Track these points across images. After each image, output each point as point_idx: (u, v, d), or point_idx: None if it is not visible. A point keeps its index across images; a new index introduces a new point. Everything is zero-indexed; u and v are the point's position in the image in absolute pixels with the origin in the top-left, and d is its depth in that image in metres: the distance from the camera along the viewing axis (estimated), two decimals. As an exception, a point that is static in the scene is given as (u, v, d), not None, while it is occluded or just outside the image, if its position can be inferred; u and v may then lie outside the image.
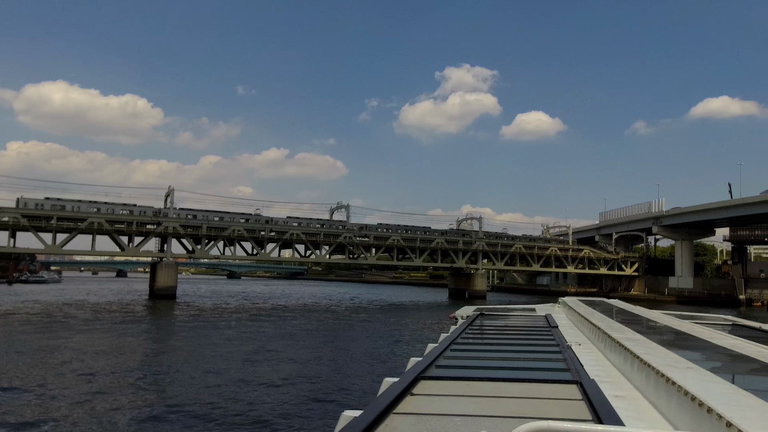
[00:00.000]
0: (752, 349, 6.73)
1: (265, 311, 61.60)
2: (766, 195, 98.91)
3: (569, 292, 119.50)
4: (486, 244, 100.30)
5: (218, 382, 21.95)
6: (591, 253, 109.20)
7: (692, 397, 3.65)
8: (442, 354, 6.59)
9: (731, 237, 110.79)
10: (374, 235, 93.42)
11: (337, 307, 70.62)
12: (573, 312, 13.05)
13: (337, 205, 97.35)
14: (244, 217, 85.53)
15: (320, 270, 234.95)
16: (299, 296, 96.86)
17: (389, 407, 3.92)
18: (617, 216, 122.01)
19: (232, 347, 31.76)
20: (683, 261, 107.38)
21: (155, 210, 79.62)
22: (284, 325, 45.42)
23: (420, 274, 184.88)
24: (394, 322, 50.93)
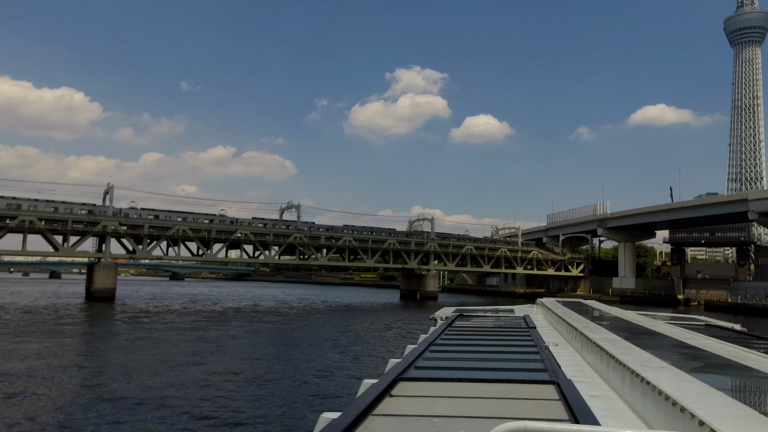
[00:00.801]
0: (725, 349, 6.90)
1: (211, 314, 58.91)
2: (702, 199, 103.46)
3: (518, 293, 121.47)
4: (438, 245, 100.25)
5: (160, 393, 20.01)
6: (539, 254, 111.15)
7: (666, 396, 3.76)
8: (421, 355, 6.57)
9: (670, 239, 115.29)
10: (325, 236, 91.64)
11: (287, 310, 68.49)
12: (551, 313, 13.13)
13: (288, 204, 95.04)
14: (208, 218, 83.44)
15: (268, 271, 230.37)
16: (247, 298, 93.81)
17: (368, 409, 3.90)
18: (564, 218, 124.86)
19: (177, 354, 29.59)
20: (626, 262, 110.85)
21: (116, 210, 75.71)
22: (231, 329, 43.23)
23: (370, 275, 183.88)
24: (347, 325, 49.51)
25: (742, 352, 6.88)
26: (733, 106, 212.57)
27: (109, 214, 74.65)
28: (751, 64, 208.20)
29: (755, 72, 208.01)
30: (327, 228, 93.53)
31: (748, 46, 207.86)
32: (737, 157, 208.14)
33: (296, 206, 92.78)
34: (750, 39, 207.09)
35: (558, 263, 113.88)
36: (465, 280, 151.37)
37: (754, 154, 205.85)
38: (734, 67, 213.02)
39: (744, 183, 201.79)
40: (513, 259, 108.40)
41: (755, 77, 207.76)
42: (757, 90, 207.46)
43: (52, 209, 71.83)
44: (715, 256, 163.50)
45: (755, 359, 6.16)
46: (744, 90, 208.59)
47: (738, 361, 5.99)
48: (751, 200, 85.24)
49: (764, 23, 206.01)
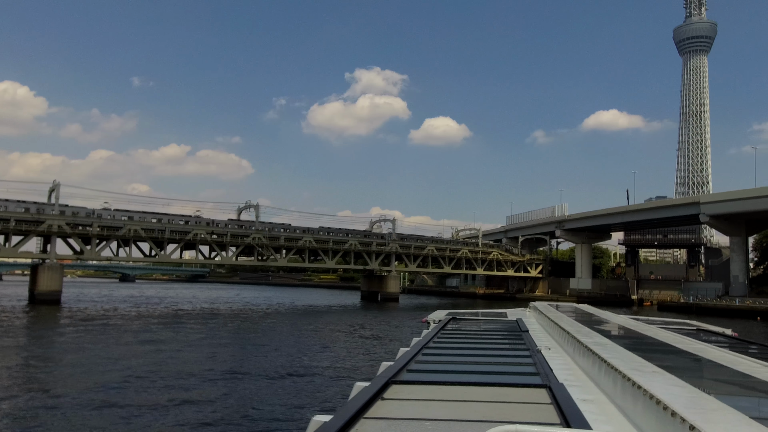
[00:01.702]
0: (716, 354, 6.93)
1: (163, 317, 56.17)
2: (656, 202, 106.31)
3: (478, 294, 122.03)
4: (399, 246, 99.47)
5: (107, 403, 18.15)
6: (499, 255, 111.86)
7: (657, 400, 3.75)
8: (413, 358, 6.54)
9: (625, 241, 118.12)
10: (285, 236, 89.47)
11: (245, 312, 66.17)
12: (543, 316, 13.14)
13: (246, 204, 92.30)
14: (183, 219, 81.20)
15: (224, 272, 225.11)
16: (203, 300, 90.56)
17: (360, 412, 3.88)
18: (523, 220, 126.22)
19: (126, 360, 27.48)
20: (583, 263, 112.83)
21: (89, 211, 72.40)
22: (185, 333, 41.01)
23: (330, 276, 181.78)
24: (307, 328, 47.89)
25: (733, 356, 6.93)
26: (681, 112, 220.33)
27: (54, 212, 70.64)
28: (699, 72, 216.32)
29: (702, 80, 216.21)
30: (287, 228, 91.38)
31: (695, 54, 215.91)
32: (685, 162, 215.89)
33: (255, 206, 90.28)
34: (697, 48, 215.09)
35: (517, 264, 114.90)
36: (425, 281, 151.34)
37: (700, 159, 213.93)
38: (682, 75, 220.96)
39: (691, 187, 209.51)
40: (474, 260, 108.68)
41: (702, 85, 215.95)
42: (703, 98, 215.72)
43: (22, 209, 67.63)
44: (665, 257, 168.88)
45: (746, 364, 6.20)
46: (691, 97, 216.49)
47: (729, 365, 5.99)
48: (702, 203, 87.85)
49: (711, 33, 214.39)
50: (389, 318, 63.79)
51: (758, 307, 78.27)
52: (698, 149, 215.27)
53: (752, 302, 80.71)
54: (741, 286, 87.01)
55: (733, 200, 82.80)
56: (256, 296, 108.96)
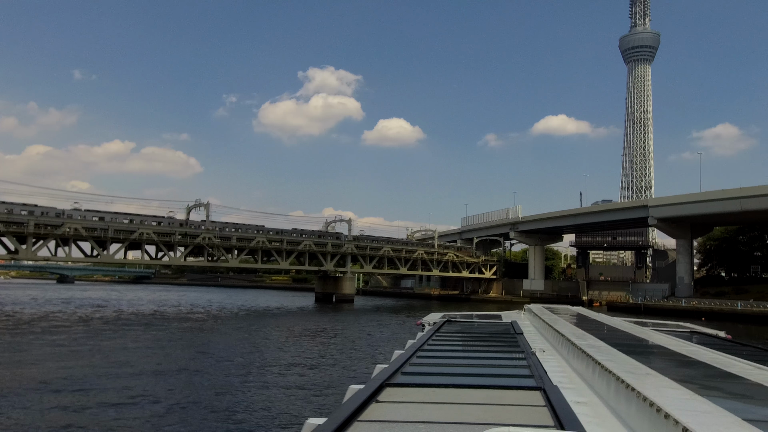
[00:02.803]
0: (709, 356, 6.96)
1: (104, 321, 52.50)
2: (607, 205, 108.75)
3: (433, 295, 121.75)
4: (355, 246, 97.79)
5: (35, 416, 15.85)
6: (455, 256, 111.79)
7: (651, 403, 3.79)
8: (408, 361, 6.53)
9: (576, 243, 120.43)
10: (237, 236, 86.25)
11: (193, 315, 62.93)
12: (538, 319, 13.13)
13: (195, 203, 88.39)
14: (156, 220, 78.98)
15: (170, 273, 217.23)
16: (147, 302, 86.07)
17: (354, 414, 3.86)
18: (478, 221, 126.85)
19: (59, 368, 24.80)
20: (536, 265, 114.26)
21: (59, 211, 68.96)
22: (126, 339, 38.08)
23: (282, 277, 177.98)
24: (259, 333, 45.63)
25: (726, 358, 6.93)
26: (626, 119, 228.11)
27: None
28: (643, 80, 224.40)
29: (646, 88, 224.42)
30: (239, 228, 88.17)
31: (640, 63, 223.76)
32: (630, 167, 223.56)
33: (205, 205, 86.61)
34: (641, 57, 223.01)
35: (472, 266, 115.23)
36: (380, 282, 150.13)
37: (644, 164, 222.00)
38: (628, 83, 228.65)
39: (635, 191, 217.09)
40: (429, 262, 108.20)
41: (646, 93, 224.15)
42: (647, 105, 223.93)
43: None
44: (611, 259, 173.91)
45: (739, 366, 6.23)
46: (636, 105, 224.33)
47: (722, 367, 6.04)
48: (651, 206, 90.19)
49: (654, 43, 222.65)
50: (347, 321, 62.10)
51: (703, 307, 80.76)
52: (642, 155, 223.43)
53: (697, 303, 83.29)
54: (686, 287, 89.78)
55: (680, 204, 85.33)
56: (205, 298, 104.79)
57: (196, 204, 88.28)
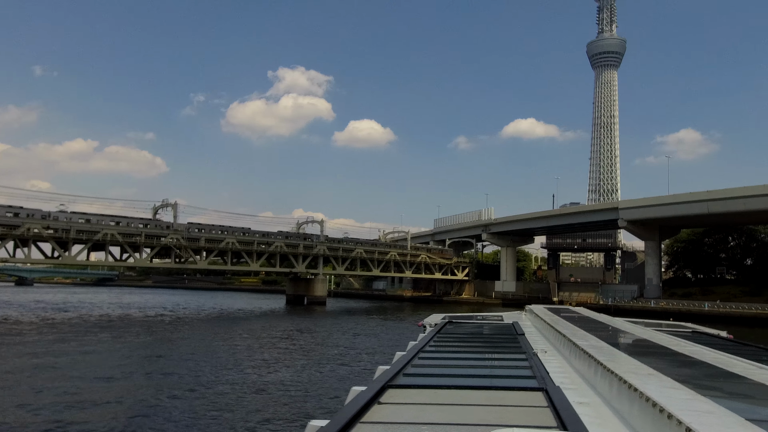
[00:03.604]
0: (711, 356, 6.94)
1: (66, 325, 50.00)
2: (577, 207, 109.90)
3: (405, 297, 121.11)
4: (327, 248, 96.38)
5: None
6: (428, 258, 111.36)
7: (653, 403, 3.80)
8: (410, 362, 6.54)
9: (547, 245, 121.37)
10: (206, 237, 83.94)
11: (158, 319, 60.66)
12: (539, 320, 13.15)
13: (162, 203, 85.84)
14: (143, 222, 78.19)
15: (134, 275, 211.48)
16: (111, 306, 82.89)
17: (356, 416, 3.86)
18: (450, 223, 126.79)
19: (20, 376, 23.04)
20: (507, 266, 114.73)
21: (44, 213, 67.56)
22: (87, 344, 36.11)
23: (252, 279, 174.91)
24: (228, 337, 44.04)
25: (728, 358, 6.92)
26: (593, 123, 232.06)
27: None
28: (609, 85, 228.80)
29: (612, 93, 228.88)
30: (208, 229, 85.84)
31: (606, 69, 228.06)
32: (597, 171, 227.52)
33: (172, 205, 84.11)
34: (608, 63, 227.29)
35: (445, 267, 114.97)
36: (351, 284, 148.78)
37: (610, 168, 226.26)
38: (595, 88, 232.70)
39: (602, 194, 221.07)
40: (402, 263, 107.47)
41: (612, 98, 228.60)
42: (614, 110, 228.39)
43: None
44: (579, 261, 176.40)
45: (741, 366, 6.21)
46: (603, 109, 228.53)
47: (724, 367, 6.04)
48: (621, 209, 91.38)
49: (621, 49, 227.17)
50: (319, 324, 60.81)
51: (671, 308, 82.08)
52: (608, 159, 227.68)
53: (666, 304, 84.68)
54: (655, 289, 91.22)
55: (649, 206, 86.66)
56: (171, 301, 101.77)
57: (163, 204, 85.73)
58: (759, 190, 73.11)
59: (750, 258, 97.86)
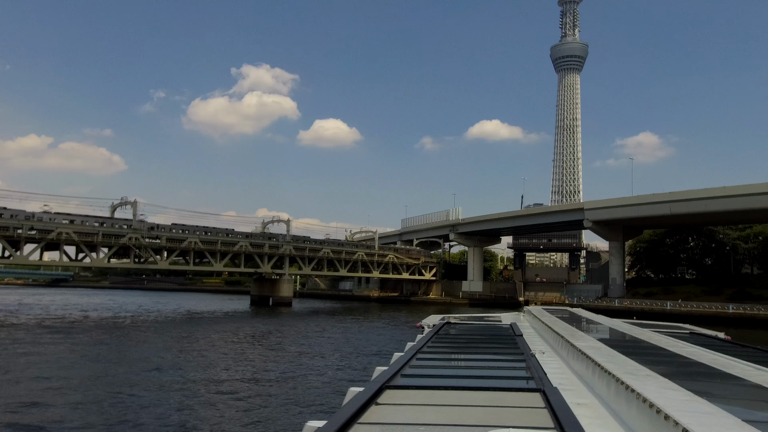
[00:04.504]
0: (709, 357, 7.07)
1: (16, 328, 47.02)
2: (544, 207, 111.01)
3: (372, 297, 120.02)
4: (294, 248, 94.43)
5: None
6: (395, 258, 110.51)
7: (651, 404, 3.81)
8: (407, 363, 6.47)
9: (514, 245, 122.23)
10: (167, 236, 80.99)
11: (115, 321, 57.86)
12: (537, 321, 13.10)
13: (121, 201, 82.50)
14: (126, 223, 77.21)
15: (90, 276, 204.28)
16: (65, 307, 78.94)
17: (353, 417, 3.86)
18: (418, 223, 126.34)
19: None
20: (475, 266, 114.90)
21: (28, 214, 66.48)
22: (39, 348, 33.79)
23: (215, 280, 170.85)
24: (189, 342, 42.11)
25: (725, 360, 6.90)
26: (556, 126, 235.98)
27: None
28: (572, 89, 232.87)
29: (575, 96, 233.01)
30: (170, 228, 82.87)
31: (569, 72, 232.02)
32: (559, 172, 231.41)
33: (132, 203, 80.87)
34: (571, 66, 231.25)
35: (412, 267, 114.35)
36: (317, 284, 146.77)
37: (573, 169, 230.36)
38: (558, 91, 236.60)
39: (565, 195, 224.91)
40: (370, 263, 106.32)
41: (575, 101, 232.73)
42: (576, 113, 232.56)
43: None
44: (544, 261, 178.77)
45: (739, 367, 6.20)
46: (566, 112, 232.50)
47: (722, 369, 6.03)
48: (586, 209, 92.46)
49: (583, 53, 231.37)
50: (287, 325, 59.15)
51: (635, 307, 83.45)
52: (571, 160, 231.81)
53: (629, 303, 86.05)
54: (619, 288, 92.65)
55: (614, 207, 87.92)
56: (130, 302, 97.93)
57: (121, 202, 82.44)
58: (719, 192, 74.96)
59: (709, 258, 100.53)
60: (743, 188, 73.17)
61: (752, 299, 78.22)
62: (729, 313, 73.53)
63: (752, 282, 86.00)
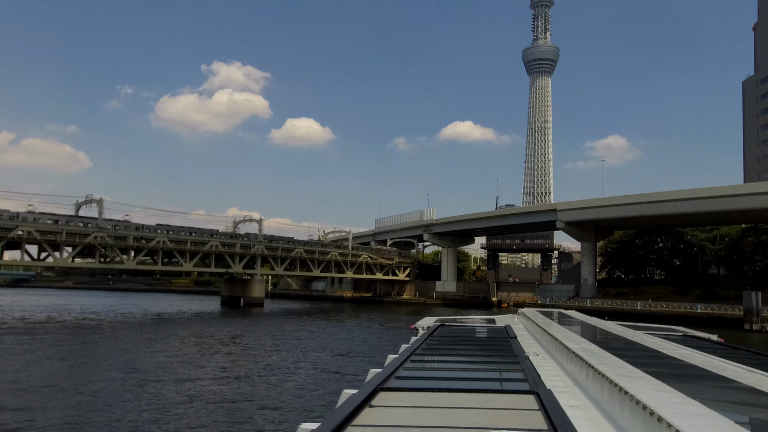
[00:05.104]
0: (701, 359, 7.10)
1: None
2: (518, 208, 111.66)
3: (345, 297, 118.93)
4: (266, 248, 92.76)
5: None
6: (369, 258, 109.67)
7: (644, 406, 3.83)
8: (402, 365, 6.48)
9: (487, 245, 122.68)
10: (134, 236, 78.55)
11: (80, 324, 55.64)
12: (531, 323, 13.08)
13: (87, 198, 79.70)
14: (112, 223, 76.54)
15: (53, 276, 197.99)
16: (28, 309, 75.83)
17: (347, 419, 3.85)
18: (392, 223, 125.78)
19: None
20: (448, 267, 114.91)
21: (12, 214, 65.93)
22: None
23: (183, 280, 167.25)
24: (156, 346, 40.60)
25: (718, 362, 6.92)
26: (528, 128, 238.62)
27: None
28: (543, 91, 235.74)
29: (546, 99, 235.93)
30: (137, 227, 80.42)
31: (541, 75, 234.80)
32: (531, 174, 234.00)
33: (98, 201, 78.16)
34: (542, 69, 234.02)
35: (386, 267, 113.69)
36: (289, 285, 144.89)
37: (544, 171, 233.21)
38: (530, 94, 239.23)
39: (536, 197, 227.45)
40: (343, 263, 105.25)
41: (546, 103, 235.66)
42: (547, 115, 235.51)
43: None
44: (516, 261, 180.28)
45: (732, 369, 6.23)
46: (537, 114, 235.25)
47: (715, 371, 6.05)
48: (559, 210, 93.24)
49: (554, 56, 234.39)
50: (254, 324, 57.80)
51: (606, 307, 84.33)
52: (542, 162, 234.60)
53: (601, 303, 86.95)
54: (590, 288, 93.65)
55: (586, 208, 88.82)
56: (95, 303, 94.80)
57: (86, 200, 79.66)
58: (688, 194, 76.37)
59: (678, 259, 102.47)
60: (711, 190, 74.72)
61: (719, 299, 79.83)
62: (697, 312, 74.83)
63: (719, 282, 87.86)
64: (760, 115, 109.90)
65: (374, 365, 7.24)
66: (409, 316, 77.78)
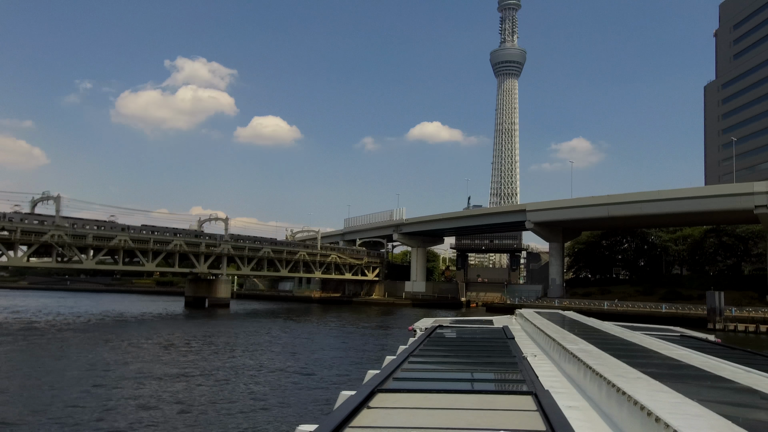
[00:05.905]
0: (699, 360, 7.10)
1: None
2: (487, 209, 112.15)
3: (314, 298, 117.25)
4: (232, 247, 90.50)
5: None
6: (338, 258, 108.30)
7: (641, 406, 3.85)
8: (399, 366, 6.49)
9: (456, 245, 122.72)
10: (94, 234, 75.41)
11: (31, 327, 52.78)
12: (529, 324, 13.05)
13: (43, 196, 76.20)
14: (97, 224, 76.14)
15: (7, 276, 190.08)
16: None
17: (345, 421, 3.84)
18: (361, 223, 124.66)
19: None
20: (418, 267, 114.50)
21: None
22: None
23: (145, 280, 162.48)
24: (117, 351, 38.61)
25: (716, 362, 6.96)
26: (495, 129, 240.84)
27: None
28: (510, 93, 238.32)
29: (513, 101, 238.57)
30: (97, 225, 77.27)
31: (508, 77, 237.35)
32: (498, 175, 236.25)
33: (55, 198, 74.80)
34: (509, 71, 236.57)
35: (355, 267, 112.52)
36: (256, 285, 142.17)
37: (511, 172, 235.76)
38: (497, 95, 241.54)
39: (503, 198, 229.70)
40: (312, 263, 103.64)
41: (513, 105, 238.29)
42: (514, 117, 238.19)
43: None
44: (484, 262, 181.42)
45: (729, 369, 6.24)
46: (504, 116, 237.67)
47: (712, 371, 6.07)
48: (528, 211, 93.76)
49: (521, 59, 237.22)
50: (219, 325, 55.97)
51: (574, 307, 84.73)
52: (509, 164, 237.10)
53: (569, 303, 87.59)
54: (558, 288, 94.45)
55: (555, 209, 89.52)
56: (51, 304, 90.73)
57: (43, 197, 76.13)
58: (653, 196, 77.71)
59: (642, 259, 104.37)
60: (674, 192, 76.26)
61: (683, 299, 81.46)
62: (662, 312, 76.08)
63: (682, 282, 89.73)
64: (721, 119, 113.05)
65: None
66: (379, 317, 76.95)
